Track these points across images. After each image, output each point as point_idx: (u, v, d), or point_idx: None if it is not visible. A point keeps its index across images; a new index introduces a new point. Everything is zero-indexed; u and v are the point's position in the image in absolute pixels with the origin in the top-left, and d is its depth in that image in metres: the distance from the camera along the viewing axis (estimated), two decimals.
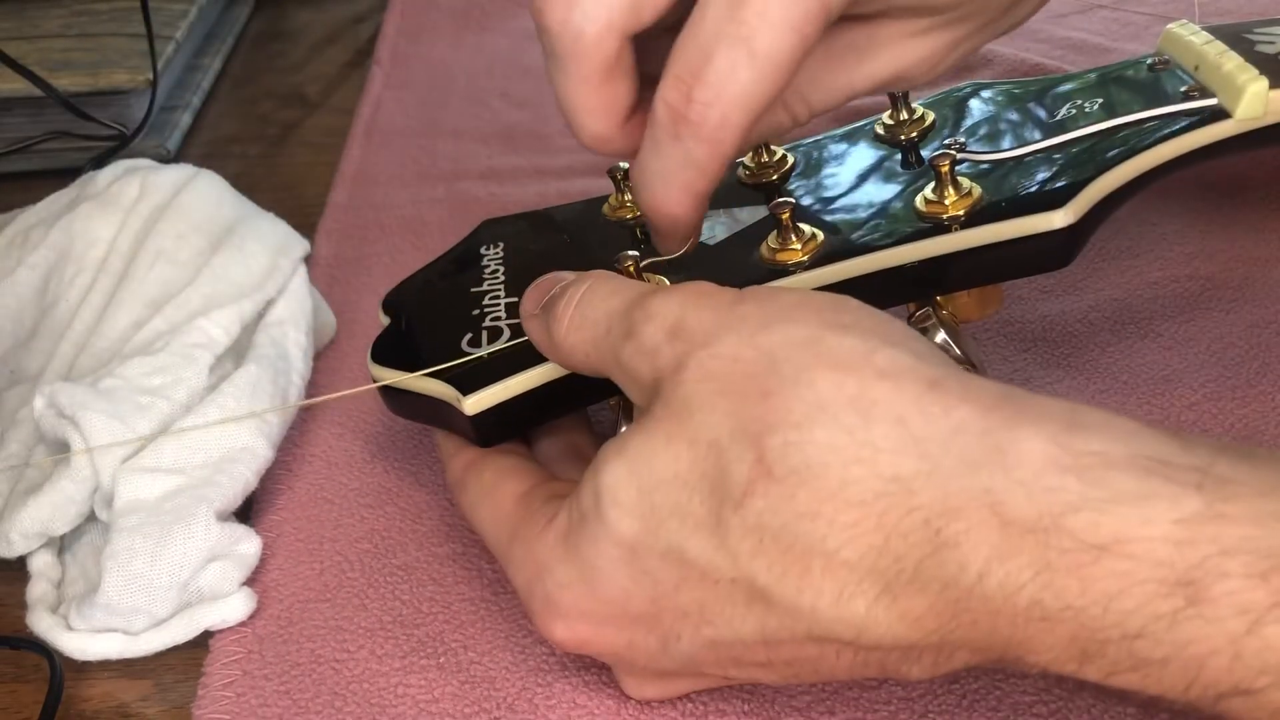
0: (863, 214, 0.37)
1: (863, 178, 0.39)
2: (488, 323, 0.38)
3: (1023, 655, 0.26)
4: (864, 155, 0.40)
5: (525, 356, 0.36)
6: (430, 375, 0.37)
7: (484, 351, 0.37)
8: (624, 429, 0.37)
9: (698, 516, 0.29)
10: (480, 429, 0.36)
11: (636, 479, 0.29)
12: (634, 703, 0.34)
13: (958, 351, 0.35)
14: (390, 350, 0.39)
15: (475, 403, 0.36)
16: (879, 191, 0.38)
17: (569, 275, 0.34)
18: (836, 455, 0.27)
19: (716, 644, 0.30)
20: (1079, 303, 0.46)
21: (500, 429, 0.36)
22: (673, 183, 0.33)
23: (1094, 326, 0.45)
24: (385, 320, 0.41)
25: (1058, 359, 0.44)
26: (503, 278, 0.40)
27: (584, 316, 0.32)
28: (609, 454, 0.30)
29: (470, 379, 0.36)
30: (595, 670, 0.35)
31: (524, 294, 0.35)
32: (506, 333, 0.37)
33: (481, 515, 0.35)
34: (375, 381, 0.39)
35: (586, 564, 0.30)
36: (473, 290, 0.40)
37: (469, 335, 0.38)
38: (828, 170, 0.40)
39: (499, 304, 0.39)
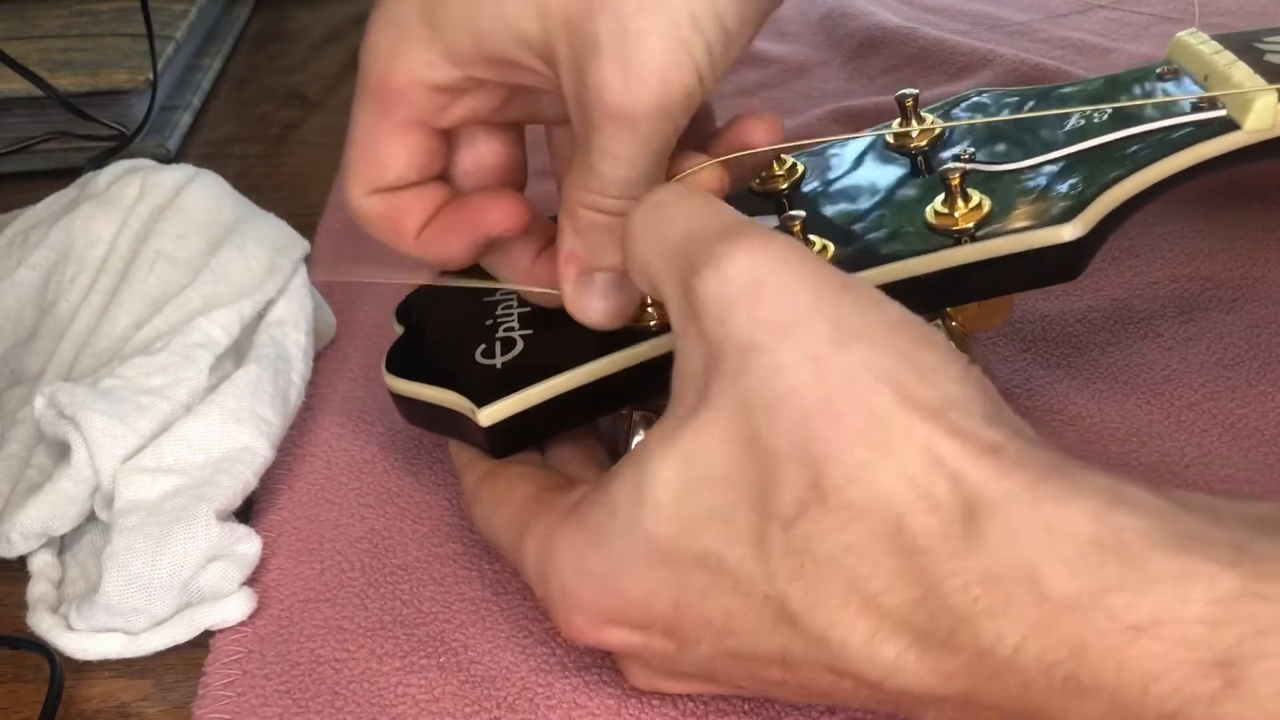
0: (873, 225, 0.37)
1: (873, 188, 0.39)
2: (501, 333, 0.38)
3: None
4: (874, 164, 0.40)
5: (540, 368, 0.36)
6: (444, 386, 0.37)
7: (498, 362, 0.37)
8: (638, 438, 0.36)
9: (740, 526, 0.28)
10: (494, 440, 0.36)
11: (683, 476, 0.28)
12: (634, 703, 0.34)
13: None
14: (404, 360, 0.39)
15: (490, 414, 0.35)
16: (889, 202, 0.38)
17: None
18: (894, 500, 0.27)
19: (736, 656, 0.29)
20: (1079, 303, 0.46)
21: (514, 440, 0.36)
22: None
23: (1094, 326, 0.45)
24: (399, 329, 0.41)
25: (1058, 359, 0.44)
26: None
27: (660, 223, 0.30)
28: (657, 444, 0.29)
29: (485, 390, 0.36)
30: (596, 670, 0.35)
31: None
32: (520, 344, 0.37)
33: (496, 520, 0.35)
34: (390, 389, 0.39)
35: (612, 558, 0.30)
36: (486, 300, 0.40)
37: (483, 346, 0.38)
38: (838, 179, 0.40)
39: (512, 314, 0.39)
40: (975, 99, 0.42)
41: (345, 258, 0.43)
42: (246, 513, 0.41)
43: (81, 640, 0.36)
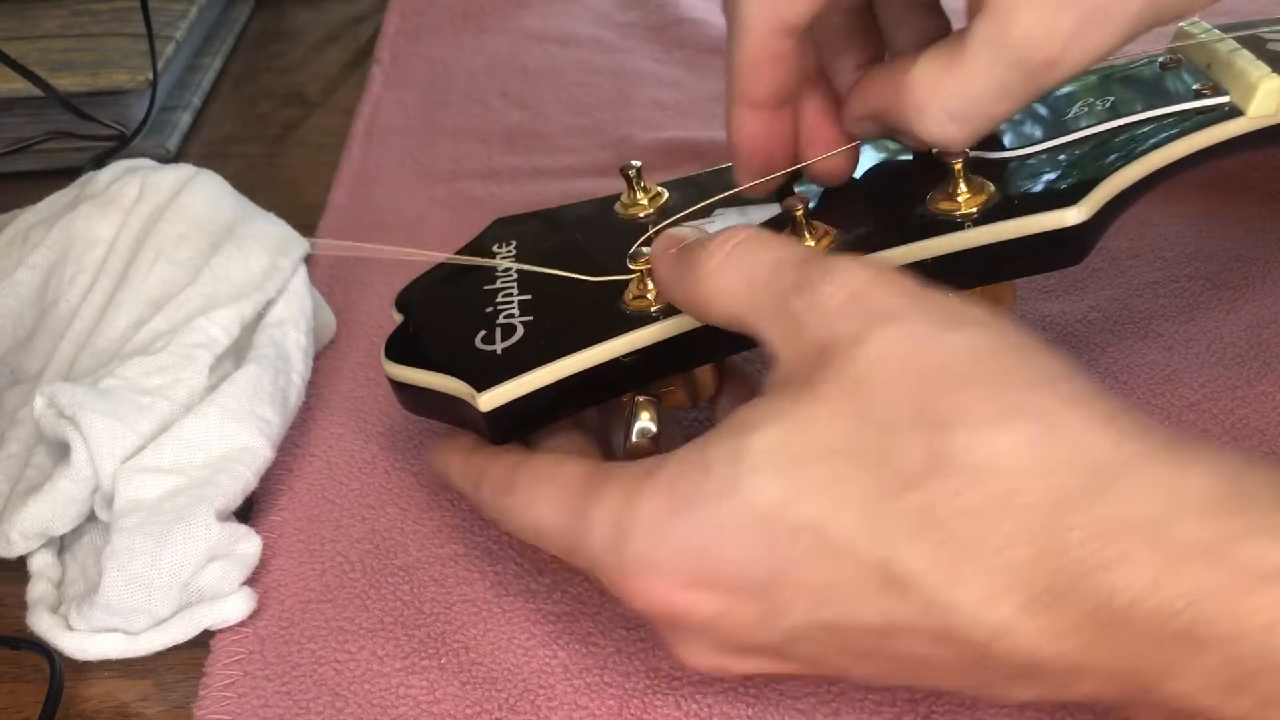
0: (876, 211, 0.38)
1: (876, 175, 0.39)
2: (501, 320, 0.38)
3: (1161, 683, 0.26)
4: (877, 153, 0.40)
5: (540, 353, 0.36)
6: (444, 372, 0.37)
7: (498, 348, 0.37)
8: (639, 423, 0.37)
9: (850, 495, 0.28)
10: (494, 425, 0.36)
11: (789, 448, 0.29)
12: (636, 704, 0.34)
13: None
14: (403, 347, 0.39)
15: (490, 399, 0.36)
16: (892, 189, 0.38)
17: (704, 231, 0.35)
18: (1012, 463, 0.27)
19: (831, 627, 0.29)
20: (1079, 303, 0.46)
21: (515, 425, 0.37)
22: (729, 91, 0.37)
23: (1094, 326, 0.45)
24: (398, 318, 0.41)
25: None
26: (515, 275, 0.40)
27: (744, 257, 0.32)
28: (761, 417, 0.29)
29: (485, 375, 0.36)
30: (597, 671, 0.35)
31: (656, 241, 0.35)
32: (520, 330, 0.37)
33: (540, 501, 0.34)
34: (389, 376, 0.39)
35: (705, 521, 0.29)
36: (485, 288, 0.40)
37: (483, 332, 0.38)
38: None
39: (512, 301, 0.39)
40: None
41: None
42: (247, 513, 0.41)
43: (81, 640, 0.36)
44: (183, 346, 0.41)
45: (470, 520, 0.41)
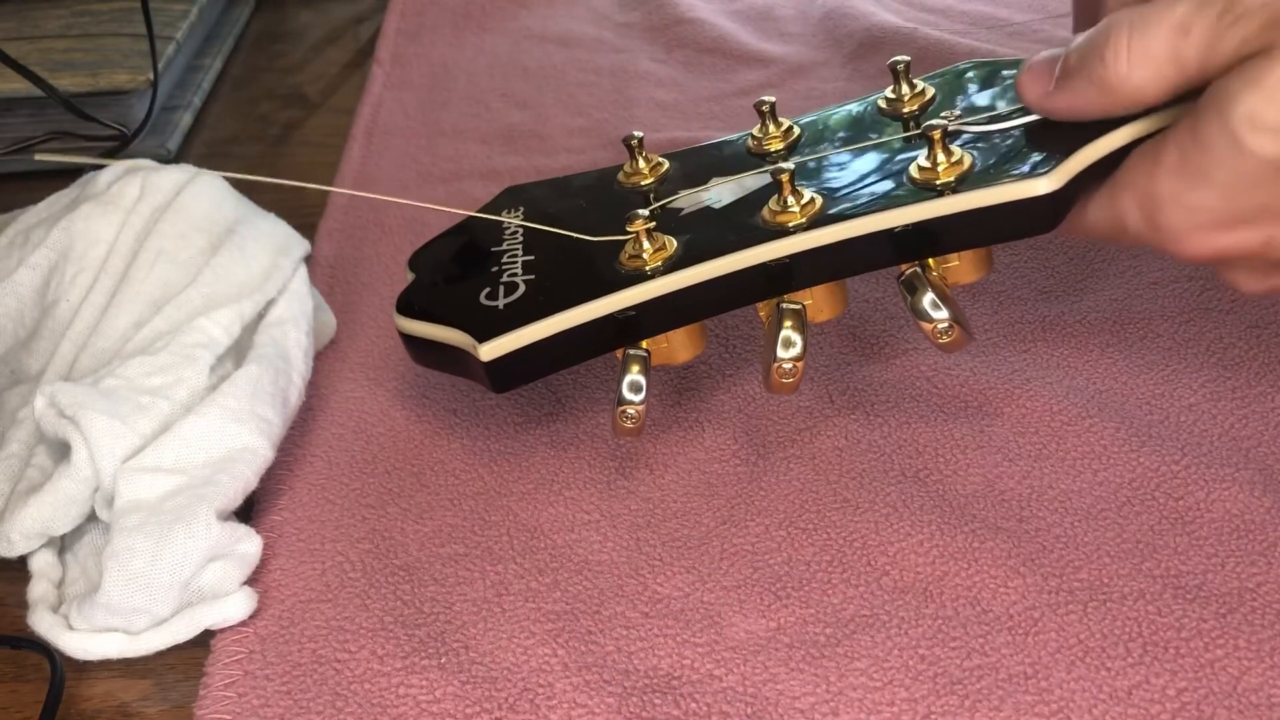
0: (861, 181, 0.39)
1: (864, 148, 0.41)
2: (505, 278, 0.41)
3: None
4: (866, 127, 0.42)
5: (538, 309, 0.39)
6: (449, 325, 0.40)
7: (500, 304, 0.40)
8: (629, 376, 0.38)
9: None
10: (494, 375, 0.39)
11: (1275, 104, 0.32)
12: (635, 701, 0.34)
13: (945, 312, 0.36)
14: (414, 303, 0.42)
15: (490, 350, 0.39)
16: (878, 160, 0.40)
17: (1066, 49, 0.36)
18: None
19: None
20: (1079, 303, 0.46)
21: (514, 375, 0.39)
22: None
23: (1094, 327, 0.45)
24: (410, 277, 0.44)
25: (1058, 359, 0.44)
26: (521, 238, 0.43)
27: (1147, 40, 0.34)
28: (1238, 87, 0.32)
29: (487, 328, 0.39)
30: (596, 669, 0.35)
31: (1022, 81, 0.37)
32: (522, 288, 0.40)
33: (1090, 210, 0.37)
34: (400, 330, 0.42)
35: (1220, 185, 0.33)
36: (493, 250, 0.43)
37: (487, 289, 0.40)
38: (832, 141, 0.42)
39: (516, 262, 0.42)
40: (971, 70, 0.42)
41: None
42: (247, 513, 0.41)
43: (82, 640, 0.37)
44: (183, 346, 0.41)
45: (470, 520, 0.41)
